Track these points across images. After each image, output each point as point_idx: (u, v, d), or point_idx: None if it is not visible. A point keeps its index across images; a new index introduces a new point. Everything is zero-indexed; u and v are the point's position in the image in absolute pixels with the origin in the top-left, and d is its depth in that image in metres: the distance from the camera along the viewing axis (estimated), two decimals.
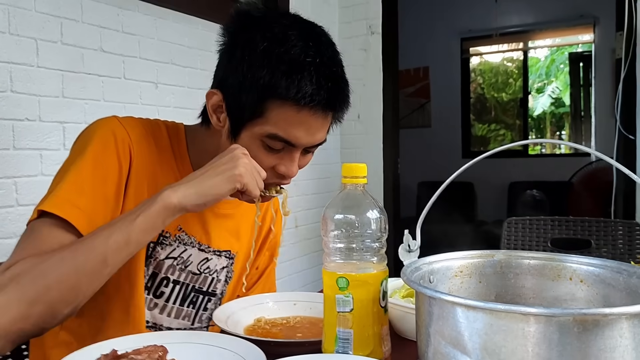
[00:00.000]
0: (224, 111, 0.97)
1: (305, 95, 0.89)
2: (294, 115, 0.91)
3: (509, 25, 5.85)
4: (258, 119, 0.92)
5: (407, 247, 0.80)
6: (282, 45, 0.90)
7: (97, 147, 0.94)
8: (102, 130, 0.97)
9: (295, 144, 0.95)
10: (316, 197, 3.37)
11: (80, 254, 0.81)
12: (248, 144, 0.94)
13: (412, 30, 5.48)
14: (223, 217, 1.12)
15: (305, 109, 0.90)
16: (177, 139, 1.07)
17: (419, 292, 0.65)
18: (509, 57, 6.75)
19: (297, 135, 0.93)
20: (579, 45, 6.12)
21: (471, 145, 6.31)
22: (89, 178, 0.92)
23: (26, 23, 1.70)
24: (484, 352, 0.56)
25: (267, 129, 0.92)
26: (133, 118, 1.04)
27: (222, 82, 0.97)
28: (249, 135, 0.94)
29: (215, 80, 1.00)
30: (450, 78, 6.12)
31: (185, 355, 0.76)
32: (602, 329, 0.52)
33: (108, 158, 0.95)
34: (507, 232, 2.00)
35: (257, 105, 0.91)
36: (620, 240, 1.84)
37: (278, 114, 0.91)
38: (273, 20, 0.94)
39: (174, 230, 1.05)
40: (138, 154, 0.98)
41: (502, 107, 6.70)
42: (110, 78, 1.98)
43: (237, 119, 0.95)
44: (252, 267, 1.20)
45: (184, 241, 1.06)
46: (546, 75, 7.16)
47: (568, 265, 0.77)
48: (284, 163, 0.98)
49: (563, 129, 6.95)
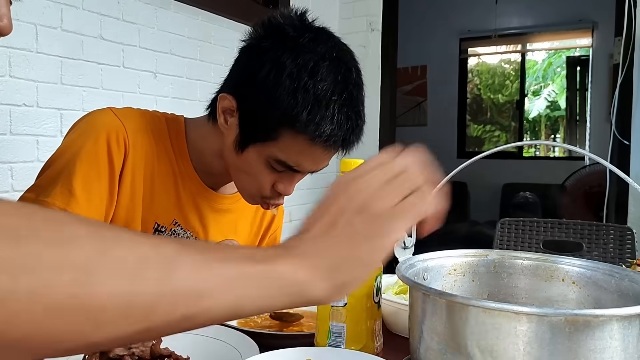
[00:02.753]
0: (233, 117, 0.95)
1: (322, 135, 0.88)
2: (306, 149, 0.90)
3: (508, 27, 5.86)
4: (270, 141, 0.91)
5: (402, 244, 0.80)
6: (311, 77, 0.87)
7: (90, 143, 0.94)
8: (96, 125, 0.96)
9: (299, 171, 0.96)
10: (311, 192, 3.38)
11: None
12: (253, 160, 0.94)
13: (411, 29, 5.48)
14: (222, 212, 1.12)
15: (318, 145, 0.90)
16: (177, 132, 1.06)
17: (413, 289, 0.66)
18: (507, 59, 6.76)
19: (303, 164, 0.94)
20: (576, 49, 6.14)
21: (466, 145, 6.32)
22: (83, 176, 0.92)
23: (26, 8, 1.69)
24: (476, 349, 0.57)
25: (276, 154, 0.92)
26: (130, 109, 1.03)
27: (238, 90, 0.95)
28: (256, 153, 0.94)
29: (229, 84, 0.98)
30: (448, 77, 6.13)
31: (179, 345, 0.77)
32: (592, 330, 0.53)
33: (101, 154, 0.94)
34: (500, 232, 2.01)
35: (272, 129, 0.89)
36: (612, 244, 1.85)
37: (291, 144, 0.90)
38: (306, 46, 0.90)
39: (169, 223, 1.04)
40: (134, 146, 0.98)
41: (497, 109, 6.72)
42: (109, 66, 1.98)
43: (248, 134, 0.93)
44: None
45: (179, 235, 1.06)
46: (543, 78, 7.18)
47: (561, 266, 0.78)
48: (283, 182, 0.98)
49: (558, 133, 6.98)
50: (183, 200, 1.05)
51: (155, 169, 1.01)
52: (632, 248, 1.82)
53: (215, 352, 0.80)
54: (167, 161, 1.03)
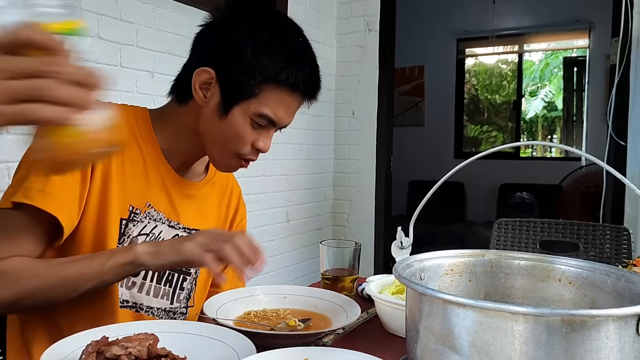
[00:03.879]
0: (212, 88, 1.04)
1: (299, 84, 1.03)
2: (284, 98, 1.04)
3: (505, 27, 5.86)
4: (253, 98, 1.02)
5: (399, 244, 0.80)
6: (283, 38, 1.05)
7: None
8: None
9: (277, 123, 1.06)
10: (309, 192, 3.38)
11: (56, 279, 0.93)
12: (238, 120, 1.04)
13: (409, 29, 5.49)
14: (190, 197, 1.17)
15: (295, 95, 1.05)
16: (143, 120, 1.11)
17: (410, 289, 0.66)
18: (504, 60, 6.77)
19: (281, 116, 1.05)
20: (573, 50, 6.15)
21: (463, 145, 6.33)
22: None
23: None
24: (473, 349, 0.57)
25: (260, 108, 1.03)
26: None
27: (216, 61, 1.04)
28: (241, 112, 1.03)
29: (203, 59, 1.06)
30: (445, 78, 6.13)
31: (176, 345, 0.77)
32: (589, 330, 0.53)
33: None
34: (497, 232, 2.02)
35: (254, 87, 1.01)
36: (608, 245, 1.86)
37: (272, 96, 1.03)
38: (269, 14, 1.09)
39: (143, 206, 1.08)
40: None
41: (495, 109, 6.73)
42: (107, 65, 1.98)
43: (231, 97, 1.03)
44: None
45: (153, 217, 1.10)
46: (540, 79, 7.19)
47: (557, 266, 0.78)
48: (262, 139, 1.07)
49: (555, 133, 6.99)
50: (153, 184, 1.10)
51: (125, 154, 1.06)
52: (628, 248, 1.82)
53: (213, 352, 0.80)
54: (135, 147, 1.08)
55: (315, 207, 3.45)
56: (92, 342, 0.72)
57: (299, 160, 3.26)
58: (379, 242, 3.51)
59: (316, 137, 3.41)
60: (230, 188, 1.29)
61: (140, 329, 0.80)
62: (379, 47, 3.47)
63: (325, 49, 3.46)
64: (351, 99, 3.56)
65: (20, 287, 0.91)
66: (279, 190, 3.09)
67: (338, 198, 3.62)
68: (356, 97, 3.53)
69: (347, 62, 3.55)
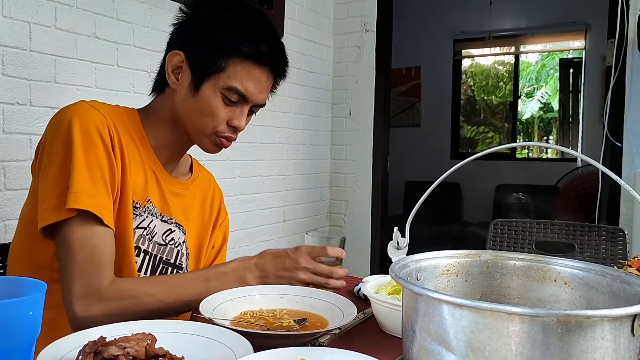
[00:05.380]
0: (184, 70, 1.11)
1: (262, 55, 1.09)
2: (251, 71, 1.10)
3: (502, 28, 5.87)
4: (220, 73, 1.08)
5: (395, 244, 0.80)
6: (244, 16, 1.12)
7: (79, 135, 1.01)
8: (79, 118, 1.03)
9: (247, 97, 1.11)
10: (305, 192, 3.38)
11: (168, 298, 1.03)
12: (209, 95, 1.09)
13: (405, 30, 5.49)
14: (177, 195, 1.21)
15: (261, 67, 1.10)
16: (133, 118, 1.15)
17: (406, 289, 0.66)
18: (500, 61, 6.79)
19: (251, 90, 1.10)
20: (569, 52, 6.17)
21: (460, 146, 6.34)
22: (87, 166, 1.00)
23: (20, 6, 1.68)
24: (469, 349, 0.57)
25: (227, 81, 1.09)
26: (97, 101, 1.11)
27: (185, 44, 1.12)
28: (211, 88, 1.09)
29: (174, 44, 1.14)
30: (442, 79, 6.14)
31: (173, 345, 0.77)
32: (584, 330, 0.54)
33: (94, 140, 1.02)
34: (493, 233, 2.02)
35: (222, 62, 1.08)
36: (604, 246, 1.86)
37: (238, 69, 1.09)
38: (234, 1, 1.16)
39: (144, 201, 1.12)
40: (115, 133, 1.06)
41: (491, 110, 6.75)
42: (104, 65, 1.97)
43: (200, 74, 1.09)
44: (208, 247, 1.31)
45: (150, 212, 1.14)
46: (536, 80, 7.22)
47: (553, 267, 0.79)
48: (236, 117, 1.13)
49: (551, 134, 7.02)
50: (149, 179, 1.14)
51: (128, 151, 1.09)
52: (623, 249, 1.83)
53: (210, 351, 0.80)
54: (132, 144, 1.12)
55: (312, 207, 3.45)
56: (89, 342, 0.71)
57: (296, 161, 3.26)
58: (375, 242, 3.52)
59: (313, 137, 3.42)
60: (212, 189, 1.33)
61: (137, 328, 0.80)
62: (376, 47, 3.47)
63: (322, 49, 3.46)
64: (348, 100, 3.56)
65: (143, 310, 1.00)
66: (276, 191, 3.10)
67: (335, 198, 3.63)
68: (353, 97, 3.54)
69: (344, 62, 3.55)
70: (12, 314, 0.60)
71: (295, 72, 3.16)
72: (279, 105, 3.05)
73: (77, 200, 0.97)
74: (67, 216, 0.98)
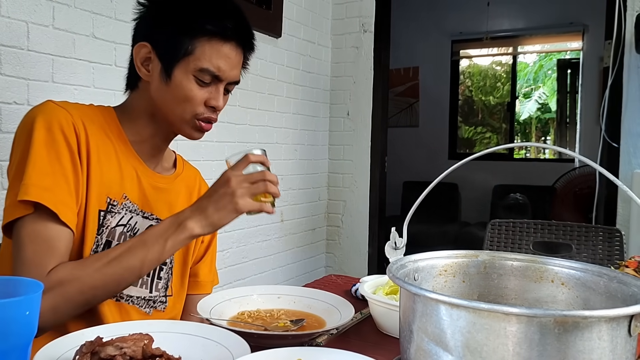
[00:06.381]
0: (152, 60, 1.10)
1: (227, 30, 1.08)
2: (219, 49, 1.08)
3: (500, 29, 5.88)
4: (189, 56, 1.07)
5: (393, 244, 0.81)
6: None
7: (41, 131, 1.00)
8: (42, 116, 1.02)
9: (220, 76, 1.10)
10: (303, 192, 3.38)
11: (121, 271, 0.99)
12: (181, 80, 1.08)
13: (403, 30, 5.49)
14: (160, 190, 1.20)
15: (228, 43, 1.09)
16: (110, 116, 1.15)
17: (403, 289, 0.66)
18: (498, 61, 6.81)
19: (222, 68, 1.09)
20: (567, 52, 6.19)
21: (457, 147, 6.35)
22: (46, 160, 0.99)
23: (17, 5, 1.68)
24: (466, 349, 0.57)
25: (198, 63, 1.07)
26: (67, 102, 1.10)
27: (149, 35, 1.11)
28: (182, 72, 1.08)
29: (139, 37, 1.13)
30: (440, 79, 6.15)
31: (171, 345, 0.77)
32: (581, 330, 0.54)
33: (56, 137, 1.01)
34: (490, 233, 2.02)
35: (188, 44, 1.07)
36: (601, 246, 1.87)
37: (206, 49, 1.07)
38: None
39: (120, 198, 1.11)
40: (79, 128, 1.05)
41: (489, 111, 6.76)
42: (101, 65, 1.97)
43: (169, 60, 1.08)
44: (197, 241, 1.29)
45: (129, 209, 1.12)
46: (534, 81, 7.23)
47: (550, 267, 0.79)
48: (213, 97, 1.12)
49: (548, 135, 7.03)
50: (127, 176, 1.13)
51: (99, 148, 1.08)
52: (620, 249, 1.83)
53: (207, 352, 0.80)
54: (108, 142, 1.11)
55: (310, 207, 3.45)
56: (86, 343, 0.71)
57: (294, 161, 3.26)
58: (373, 242, 3.52)
59: (311, 137, 3.42)
60: (199, 184, 1.32)
61: (134, 329, 0.80)
62: (374, 48, 3.47)
63: (321, 49, 3.46)
64: (346, 100, 3.56)
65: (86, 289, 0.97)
66: None
67: (332, 198, 3.63)
68: (351, 97, 3.54)
69: (342, 63, 3.55)
70: (8, 314, 0.60)
71: (293, 72, 3.16)
72: (277, 106, 3.05)
73: (28, 192, 0.95)
74: (23, 213, 0.96)
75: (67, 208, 0.99)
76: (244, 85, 2.73)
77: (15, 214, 0.96)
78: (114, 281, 0.99)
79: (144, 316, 1.13)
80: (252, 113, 2.82)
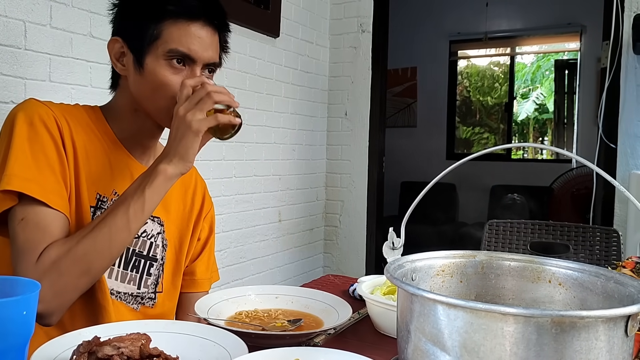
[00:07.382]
0: (126, 54, 1.10)
1: (193, 9, 1.06)
2: (186, 29, 1.06)
3: (498, 29, 5.89)
4: (157, 40, 1.06)
5: (391, 244, 0.81)
6: None
7: (23, 126, 1.00)
8: (24, 111, 1.02)
9: (192, 56, 1.07)
10: (301, 192, 3.38)
11: (109, 231, 0.97)
12: (154, 67, 1.06)
13: (402, 30, 5.50)
14: None
15: (195, 22, 1.07)
16: (95, 115, 1.15)
17: (401, 289, 0.66)
18: (496, 62, 6.81)
19: (193, 48, 1.07)
20: (565, 53, 6.19)
21: (455, 147, 6.35)
22: (28, 153, 0.99)
23: (15, 4, 1.68)
24: (463, 349, 0.57)
25: (166, 46, 1.06)
26: (52, 101, 1.10)
27: (120, 29, 1.12)
28: (153, 59, 1.07)
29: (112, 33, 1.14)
30: (438, 79, 6.15)
31: (168, 345, 0.77)
32: (578, 331, 0.54)
33: (38, 130, 1.01)
34: (488, 234, 2.03)
35: (154, 29, 1.06)
36: (598, 246, 1.87)
37: (173, 31, 1.06)
38: None
39: (110, 194, 1.11)
40: (63, 124, 1.04)
41: (487, 111, 6.76)
42: (99, 64, 1.97)
43: (139, 49, 1.07)
44: (193, 239, 1.28)
45: None
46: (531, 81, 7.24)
47: (548, 268, 0.79)
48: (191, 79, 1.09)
49: (546, 135, 7.04)
50: (117, 172, 1.13)
51: (87, 145, 1.08)
52: (617, 250, 1.84)
53: (204, 352, 0.80)
54: (94, 139, 1.11)
55: (308, 207, 3.45)
56: (83, 342, 0.71)
57: (292, 161, 3.26)
58: (370, 242, 3.52)
59: (309, 137, 3.42)
60: (195, 181, 1.31)
61: (132, 328, 0.80)
62: (372, 48, 3.47)
63: (319, 49, 3.46)
64: (344, 100, 3.56)
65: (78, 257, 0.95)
66: (271, 191, 3.09)
67: (330, 198, 3.63)
68: (349, 98, 3.54)
69: (340, 63, 3.55)
70: (5, 313, 0.60)
71: (291, 72, 3.16)
72: (275, 106, 3.04)
73: (10, 182, 0.95)
74: (9, 205, 0.96)
75: (56, 195, 0.99)
76: (242, 85, 2.73)
77: (2, 206, 0.96)
78: (104, 243, 0.96)
79: (131, 312, 1.14)
80: (250, 113, 2.82)
